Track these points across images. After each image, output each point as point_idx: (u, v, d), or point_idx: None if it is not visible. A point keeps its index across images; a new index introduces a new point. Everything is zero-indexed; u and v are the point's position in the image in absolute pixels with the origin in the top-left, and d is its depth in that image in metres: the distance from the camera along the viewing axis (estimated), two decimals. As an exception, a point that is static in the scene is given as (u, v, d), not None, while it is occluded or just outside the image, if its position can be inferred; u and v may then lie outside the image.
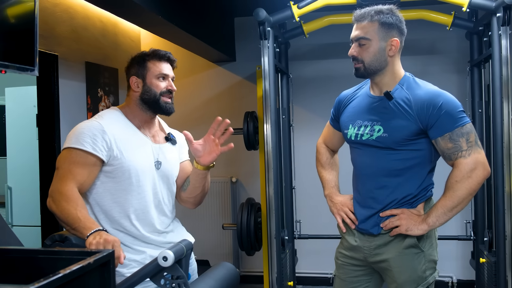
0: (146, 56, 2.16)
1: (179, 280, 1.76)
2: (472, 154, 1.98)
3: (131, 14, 3.28)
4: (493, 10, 3.15)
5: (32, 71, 1.63)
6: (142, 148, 2.12)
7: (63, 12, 3.58)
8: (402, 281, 2.09)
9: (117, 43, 4.38)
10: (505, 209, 3.12)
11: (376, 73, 2.09)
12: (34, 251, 1.45)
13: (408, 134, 2.02)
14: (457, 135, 1.98)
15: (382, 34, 2.06)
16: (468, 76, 3.90)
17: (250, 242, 3.77)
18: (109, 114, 2.13)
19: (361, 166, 2.18)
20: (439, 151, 2.04)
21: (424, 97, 2.02)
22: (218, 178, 4.84)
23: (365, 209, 2.16)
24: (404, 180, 2.08)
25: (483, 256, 3.55)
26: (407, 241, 2.08)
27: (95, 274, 1.35)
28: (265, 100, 3.34)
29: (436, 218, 2.04)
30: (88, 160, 1.99)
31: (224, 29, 4.64)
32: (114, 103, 4.24)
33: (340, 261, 2.28)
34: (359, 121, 2.15)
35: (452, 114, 1.99)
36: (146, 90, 2.13)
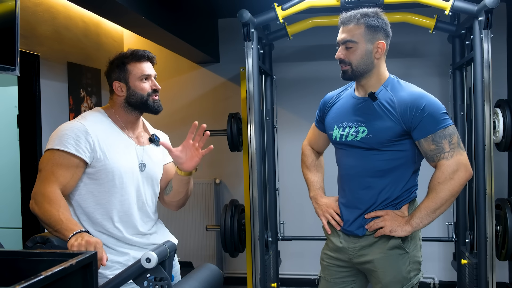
0: (125, 59, 2.14)
1: (162, 281, 1.75)
2: (455, 156, 2.01)
3: (114, 14, 3.25)
4: (475, 14, 3.18)
5: (13, 71, 1.61)
6: (125, 149, 2.10)
7: (45, 12, 3.53)
8: (387, 281, 2.10)
9: (100, 43, 4.34)
10: (486, 211, 3.15)
11: (363, 76, 2.11)
12: (15, 252, 1.43)
13: (392, 135, 2.04)
14: (440, 137, 2.00)
15: (368, 37, 2.07)
16: (450, 79, 3.94)
17: (234, 243, 3.77)
18: (92, 115, 2.11)
19: (346, 167, 2.19)
20: (422, 153, 2.07)
21: (408, 99, 2.04)
22: (201, 180, 4.82)
23: (350, 210, 2.18)
24: (388, 181, 2.10)
25: (465, 258, 3.59)
26: (391, 242, 2.10)
27: (78, 276, 1.34)
28: (249, 102, 3.34)
29: (420, 219, 2.06)
30: (71, 162, 1.96)
31: (208, 30, 4.63)
32: (96, 104, 4.20)
33: (326, 262, 2.28)
34: (344, 122, 2.16)
35: (435, 116, 2.01)
36: (131, 93, 2.12)
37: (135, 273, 1.71)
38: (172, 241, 1.92)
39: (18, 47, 1.62)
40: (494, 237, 3.15)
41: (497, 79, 3.25)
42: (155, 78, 2.19)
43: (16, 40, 1.62)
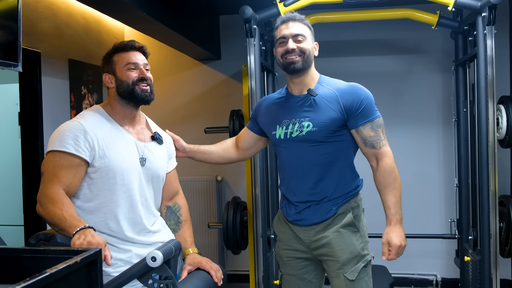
0: (112, 52, 2.16)
1: (167, 280, 1.75)
2: (388, 145, 2.22)
3: (115, 10, 3.23)
4: (479, 9, 3.17)
5: (15, 67, 1.60)
6: (125, 145, 2.09)
7: (46, 9, 3.52)
8: (344, 259, 2.19)
9: (101, 40, 4.33)
10: (490, 207, 3.14)
11: (306, 70, 2.23)
12: (19, 250, 1.43)
13: (335, 125, 2.17)
14: (376, 125, 2.19)
15: (311, 36, 2.27)
16: (453, 75, 3.93)
17: (236, 241, 3.76)
18: (90, 113, 2.11)
19: (291, 163, 2.27)
20: (360, 140, 2.20)
21: (348, 89, 2.21)
22: (203, 177, 4.81)
23: (300, 203, 2.25)
24: (335, 171, 2.22)
25: (468, 255, 3.58)
26: (345, 220, 2.22)
27: (82, 273, 1.33)
28: (251, 98, 3.33)
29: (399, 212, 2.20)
30: (72, 162, 1.96)
31: (209, 27, 4.62)
32: (97, 101, 4.19)
33: (285, 258, 2.35)
34: (286, 120, 2.26)
35: (371, 105, 2.20)
36: (119, 83, 2.12)
37: (140, 271, 1.71)
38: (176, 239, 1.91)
39: (21, 43, 1.61)
40: (497, 234, 3.14)
41: (500, 75, 3.23)
42: (147, 68, 2.17)
43: (19, 36, 1.61)
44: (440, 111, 4.49)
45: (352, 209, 2.25)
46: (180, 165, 2.48)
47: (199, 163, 4.73)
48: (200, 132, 4.40)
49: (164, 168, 2.27)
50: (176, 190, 2.39)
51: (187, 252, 2.27)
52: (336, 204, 2.22)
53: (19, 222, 3.75)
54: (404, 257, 4.68)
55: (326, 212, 2.22)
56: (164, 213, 2.35)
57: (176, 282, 1.78)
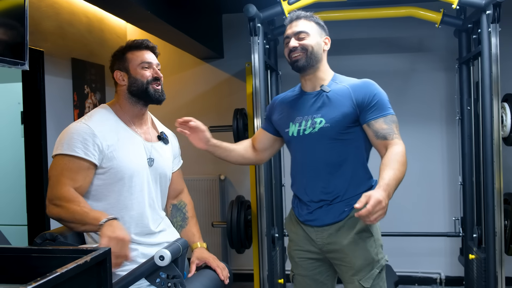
0: (124, 49, 2.15)
1: (175, 279, 1.74)
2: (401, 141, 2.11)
3: (119, 8, 3.22)
4: (483, 7, 3.16)
5: (22, 65, 1.59)
6: (133, 147, 2.08)
7: (49, 7, 3.51)
8: (358, 265, 2.14)
9: (103, 39, 4.32)
10: (495, 205, 3.13)
11: (315, 66, 2.20)
12: (27, 249, 1.42)
13: (348, 121, 2.13)
14: (390, 120, 2.12)
15: (318, 31, 2.24)
16: (457, 73, 3.92)
17: (240, 240, 3.75)
18: (98, 114, 2.09)
19: (304, 161, 2.23)
20: (372, 132, 2.12)
21: (361, 84, 2.18)
22: (206, 176, 4.81)
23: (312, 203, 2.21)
24: (348, 168, 2.16)
25: (472, 253, 3.57)
26: (358, 226, 2.14)
27: (92, 273, 1.32)
28: (255, 97, 3.32)
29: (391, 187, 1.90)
30: (81, 165, 1.96)
31: (212, 25, 4.61)
32: (100, 100, 4.18)
33: (297, 258, 2.31)
34: (299, 118, 2.23)
35: (384, 101, 2.15)
36: (132, 81, 2.11)
37: (148, 270, 1.70)
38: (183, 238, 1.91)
39: (27, 42, 1.60)
40: (503, 231, 3.14)
41: (504, 73, 3.22)
42: (159, 67, 2.18)
43: (26, 35, 1.60)
44: (444, 109, 4.49)
45: None
46: (184, 164, 2.47)
47: (202, 161, 4.79)
48: (204, 130, 4.39)
49: (170, 167, 2.27)
50: (181, 188, 2.41)
51: (195, 246, 2.30)
52: (348, 205, 2.15)
53: (22, 222, 3.74)
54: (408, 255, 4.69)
55: (339, 213, 2.16)
56: (170, 211, 2.35)
57: (184, 281, 1.77)
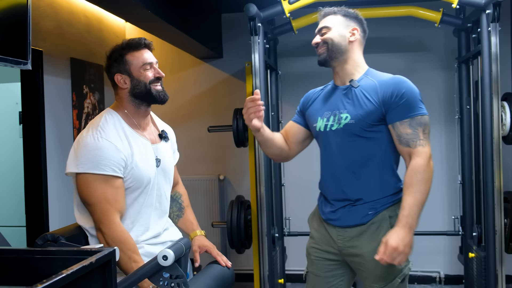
0: (122, 50, 2.07)
1: (178, 279, 1.73)
2: (427, 146, 2.03)
3: (119, 8, 3.22)
4: (483, 7, 3.16)
5: (25, 65, 1.58)
6: (145, 151, 2.08)
7: (48, 7, 3.50)
8: (379, 274, 2.07)
9: (102, 39, 4.30)
10: (495, 204, 3.14)
11: (338, 58, 2.15)
12: (30, 251, 1.41)
13: (373, 119, 2.06)
14: (416, 123, 2.02)
15: (343, 23, 2.17)
16: (456, 72, 3.92)
17: (241, 240, 3.75)
18: (109, 125, 2.03)
19: (331, 157, 2.18)
20: (396, 136, 2.05)
21: (389, 81, 2.08)
22: (205, 176, 4.80)
23: (336, 201, 2.16)
24: (374, 169, 2.10)
25: (472, 251, 3.58)
26: (382, 233, 2.04)
27: (96, 274, 1.31)
28: (255, 97, 3.31)
29: (415, 218, 1.97)
30: (116, 184, 1.96)
31: (211, 25, 4.60)
32: (99, 100, 4.17)
33: (313, 256, 2.26)
34: (327, 112, 2.18)
35: (413, 101, 2.04)
36: (135, 84, 2.06)
37: (152, 270, 1.69)
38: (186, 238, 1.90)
39: (30, 41, 1.59)
40: (503, 230, 3.14)
41: (502, 72, 3.22)
42: (157, 65, 2.15)
43: (28, 34, 1.59)
44: (443, 109, 4.49)
45: (390, 218, 2.08)
46: (183, 164, 2.47)
47: (201, 162, 4.78)
48: (203, 130, 4.40)
49: (173, 164, 2.29)
50: (177, 181, 2.43)
51: (194, 234, 2.30)
52: (373, 209, 2.09)
53: (20, 223, 3.72)
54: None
55: (362, 216, 2.09)
56: None
57: (187, 281, 1.76)
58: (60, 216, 3.53)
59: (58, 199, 3.50)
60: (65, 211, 3.54)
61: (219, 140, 4.79)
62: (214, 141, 4.83)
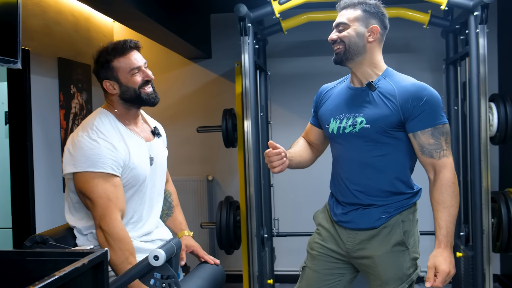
0: (108, 56, 2.04)
1: (169, 279, 1.72)
2: (450, 156, 2.00)
3: (109, 7, 3.19)
4: (471, 8, 3.19)
5: (15, 64, 1.56)
6: (139, 150, 2.08)
7: (35, 6, 3.45)
8: (387, 278, 2.05)
9: (90, 38, 4.27)
10: (483, 204, 3.17)
11: (355, 59, 2.06)
12: (20, 253, 1.39)
13: (389, 124, 1.99)
14: (439, 132, 1.97)
15: (362, 21, 2.05)
16: (444, 73, 3.95)
17: (230, 240, 3.74)
18: (104, 125, 2.02)
19: (344, 160, 2.12)
20: (417, 146, 2.00)
21: (410, 88, 1.99)
22: (194, 177, 4.78)
23: (347, 204, 2.12)
24: (387, 174, 2.05)
25: (460, 251, 3.60)
26: (394, 238, 2.05)
27: (88, 276, 1.30)
28: (245, 97, 3.31)
29: (451, 235, 1.97)
30: (115, 182, 1.95)
31: (200, 25, 4.58)
32: (87, 100, 4.13)
33: (316, 251, 2.21)
34: (341, 114, 2.10)
35: (436, 110, 1.98)
36: (124, 90, 2.05)
37: (143, 270, 1.68)
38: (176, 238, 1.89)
39: (20, 40, 1.57)
40: (490, 230, 3.17)
41: (488, 74, 3.23)
42: (146, 66, 2.11)
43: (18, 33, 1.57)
44: (430, 109, 4.51)
45: (403, 222, 2.06)
46: (171, 164, 2.45)
47: (190, 162, 4.76)
48: (192, 131, 4.38)
49: (165, 161, 2.28)
50: (167, 179, 2.42)
51: (182, 234, 2.30)
52: (386, 213, 2.06)
53: (6, 224, 3.68)
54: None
55: (375, 219, 2.06)
56: None
57: (179, 281, 1.76)
58: (47, 217, 3.49)
59: (45, 200, 3.46)
60: (52, 213, 3.50)
61: (208, 141, 4.77)
62: (202, 142, 4.81)
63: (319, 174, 2.37)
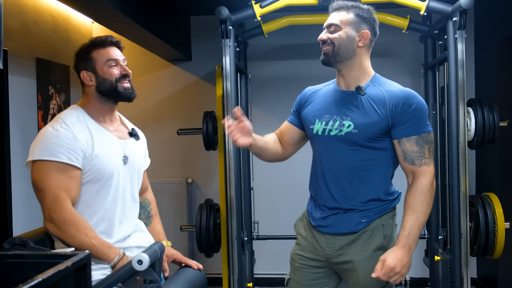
0: (88, 48, 2.08)
1: (152, 284, 1.70)
2: (431, 165, 2.01)
3: (89, 8, 3.15)
4: (449, 14, 3.23)
5: (-4, 64, 1.53)
6: (109, 146, 2.05)
7: (13, 5, 3.40)
8: (367, 283, 2.05)
9: (69, 39, 4.21)
10: (461, 208, 3.20)
11: (343, 62, 2.06)
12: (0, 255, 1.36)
13: (378, 131, 2.00)
14: (423, 141, 1.99)
15: (354, 25, 2.06)
16: (422, 78, 4.00)
17: (210, 243, 3.72)
18: (71, 117, 2.02)
19: (326, 163, 2.11)
20: (401, 152, 2.01)
21: (400, 94, 2.01)
22: (173, 179, 4.76)
23: (327, 208, 2.11)
24: (370, 179, 2.06)
25: (438, 254, 3.64)
26: (374, 243, 2.05)
27: (71, 279, 1.28)
28: (226, 100, 3.30)
29: (415, 238, 1.97)
30: (69, 172, 1.91)
31: (180, 27, 4.57)
32: (65, 101, 4.08)
33: (298, 263, 2.21)
34: (327, 116, 2.09)
35: (422, 118, 2.00)
36: (100, 81, 2.06)
37: (126, 275, 1.66)
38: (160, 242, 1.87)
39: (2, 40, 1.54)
40: (468, 233, 3.21)
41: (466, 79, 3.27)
42: (125, 63, 2.13)
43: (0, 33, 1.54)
44: (409, 114, 4.56)
45: (383, 227, 2.07)
46: (150, 166, 2.42)
47: (169, 164, 4.74)
48: (172, 133, 4.35)
49: (142, 164, 2.26)
50: (146, 186, 2.41)
51: None
52: (366, 217, 2.06)
53: (-18, 226, 3.60)
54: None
55: (355, 224, 2.05)
56: None
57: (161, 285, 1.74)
58: (25, 220, 3.43)
59: (22, 203, 3.40)
60: (30, 215, 3.44)
61: (187, 143, 4.75)
62: (182, 144, 4.79)
63: (298, 177, 2.37)
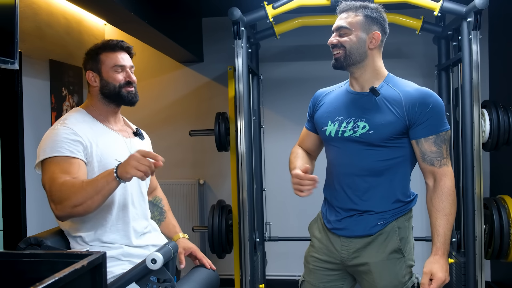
0: (98, 49, 2.10)
1: (166, 283, 1.71)
2: (449, 164, 2.00)
3: (102, 10, 3.17)
4: (464, 15, 3.21)
5: (12, 64, 1.55)
6: (115, 144, 2.07)
7: (27, 8, 3.43)
8: (382, 285, 2.03)
9: (82, 41, 4.24)
10: (475, 210, 3.17)
11: (356, 65, 2.03)
12: (17, 254, 1.38)
13: (394, 131, 1.97)
14: (441, 140, 1.97)
15: (364, 26, 2.02)
16: (436, 80, 3.97)
17: (222, 244, 3.72)
18: (72, 117, 2.05)
19: (340, 165, 2.08)
20: (419, 153, 1.99)
21: (416, 94, 1.98)
22: (185, 180, 4.76)
23: (342, 210, 2.08)
24: (386, 181, 2.02)
25: (451, 257, 3.61)
26: (390, 245, 2.02)
27: (87, 277, 1.28)
28: (238, 101, 3.30)
29: (446, 243, 1.96)
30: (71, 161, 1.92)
31: (192, 29, 4.58)
32: (78, 103, 4.10)
33: (312, 265, 2.19)
34: (340, 117, 2.06)
35: (440, 116, 1.97)
36: (104, 84, 2.08)
37: (140, 274, 1.67)
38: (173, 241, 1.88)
39: (18, 40, 1.56)
40: (482, 236, 3.18)
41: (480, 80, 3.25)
42: (132, 70, 2.14)
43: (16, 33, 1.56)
44: (422, 115, 4.53)
45: (399, 229, 2.03)
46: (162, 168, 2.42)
47: (181, 166, 4.75)
48: (184, 134, 4.37)
49: None
50: (155, 186, 2.43)
51: (177, 237, 2.30)
52: (382, 219, 2.03)
53: (-3, 227, 3.64)
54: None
55: (371, 226, 2.03)
56: None
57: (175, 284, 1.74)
58: (39, 220, 3.45)
59: (36, 202, 3.42)
60: (44, 215, 3.46)
61: (199, 144, 4.76)
62: (194, 145, 4.80)
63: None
